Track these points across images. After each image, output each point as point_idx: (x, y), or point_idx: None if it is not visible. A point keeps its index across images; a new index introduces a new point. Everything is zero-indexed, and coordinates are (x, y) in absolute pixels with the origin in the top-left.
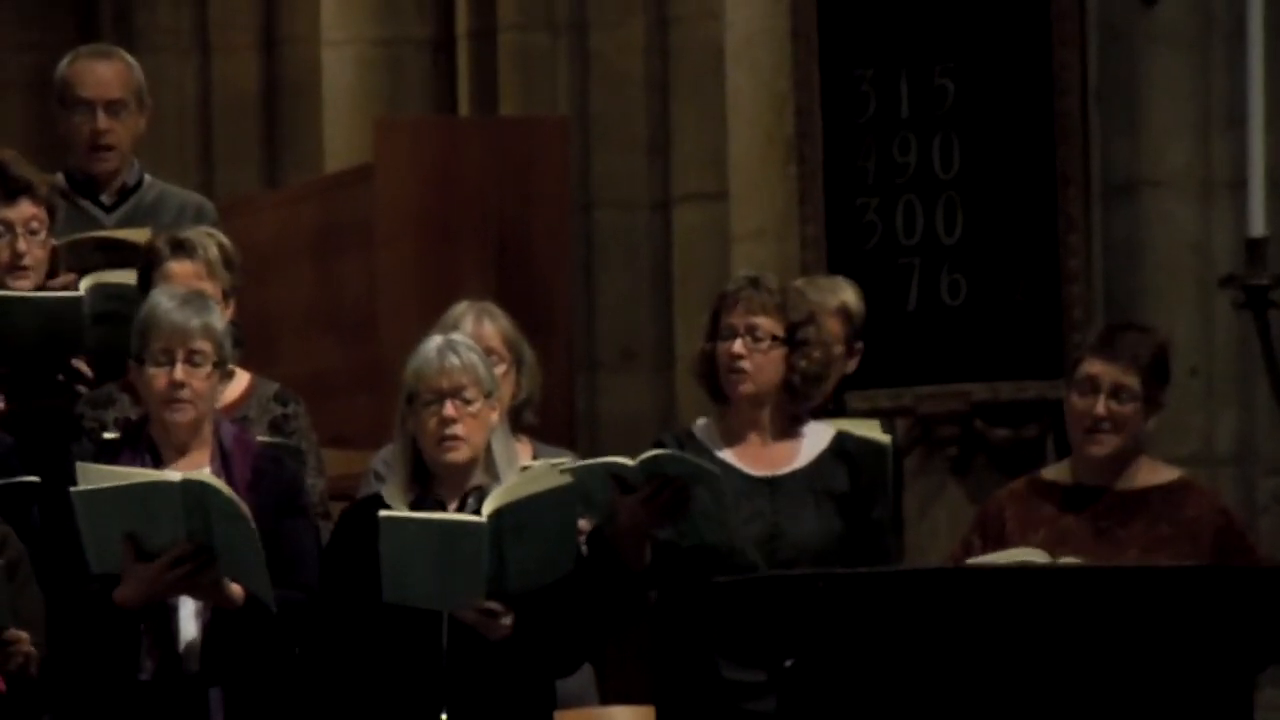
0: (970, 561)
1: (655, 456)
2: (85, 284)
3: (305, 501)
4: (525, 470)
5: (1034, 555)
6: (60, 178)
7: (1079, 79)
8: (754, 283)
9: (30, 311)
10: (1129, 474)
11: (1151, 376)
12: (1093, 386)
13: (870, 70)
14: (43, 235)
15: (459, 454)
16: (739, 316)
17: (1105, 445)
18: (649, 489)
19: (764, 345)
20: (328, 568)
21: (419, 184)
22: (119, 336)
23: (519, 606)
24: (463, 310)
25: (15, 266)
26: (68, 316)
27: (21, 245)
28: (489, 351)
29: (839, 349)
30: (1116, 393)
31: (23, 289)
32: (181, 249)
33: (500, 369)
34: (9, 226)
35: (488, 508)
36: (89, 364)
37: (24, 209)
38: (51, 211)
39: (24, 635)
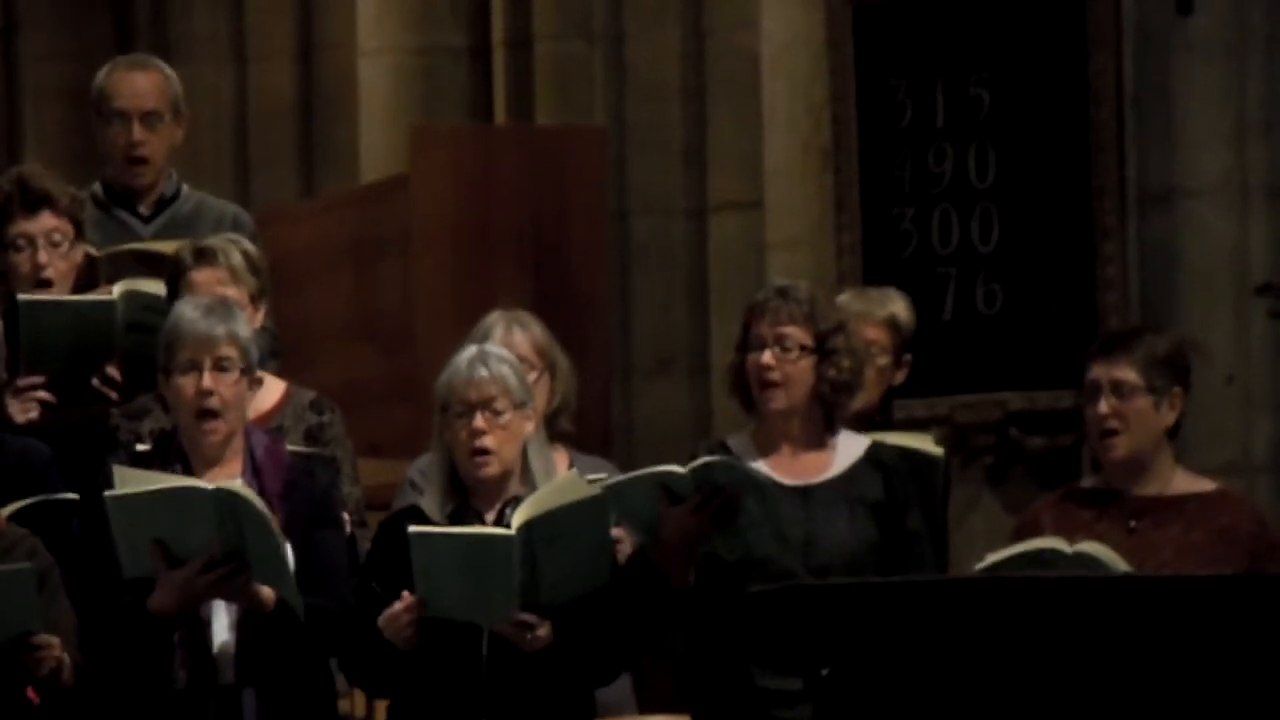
0: (990, 556)
1: (706, 464)
2: (118, 290)
3: (337, 513)
4: (555, 481)
5: (1054, 543)
6: (98, 188)
7: (1114, 88)
8: (782, 293)
9: (63, 315)
10: (1161, 479)
11: (1155, 369)
12: (1094, 390)
13: (906, 80)
14: (65, 247)
15: (490, 469)
16: (768, 327)
17: (1119, 447)
18: (698, 498)
19: (793, 355)
20: (367, 579)
21: (455, 193)
22: (150, 345)
23: (556, 617)
24: (494, 320)
25: (37, 279)
26: (100, 320)
27: (42, 257)
28: (520, 360)
29: (886, 360)
30: (1115, 389)
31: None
32: (204, 257)
33: (532, 377)
34: (30, 239)
35: (517, 520)
36: (120, 371)
37: (44, 221)
38: (76, 223)
39: (54, 640)
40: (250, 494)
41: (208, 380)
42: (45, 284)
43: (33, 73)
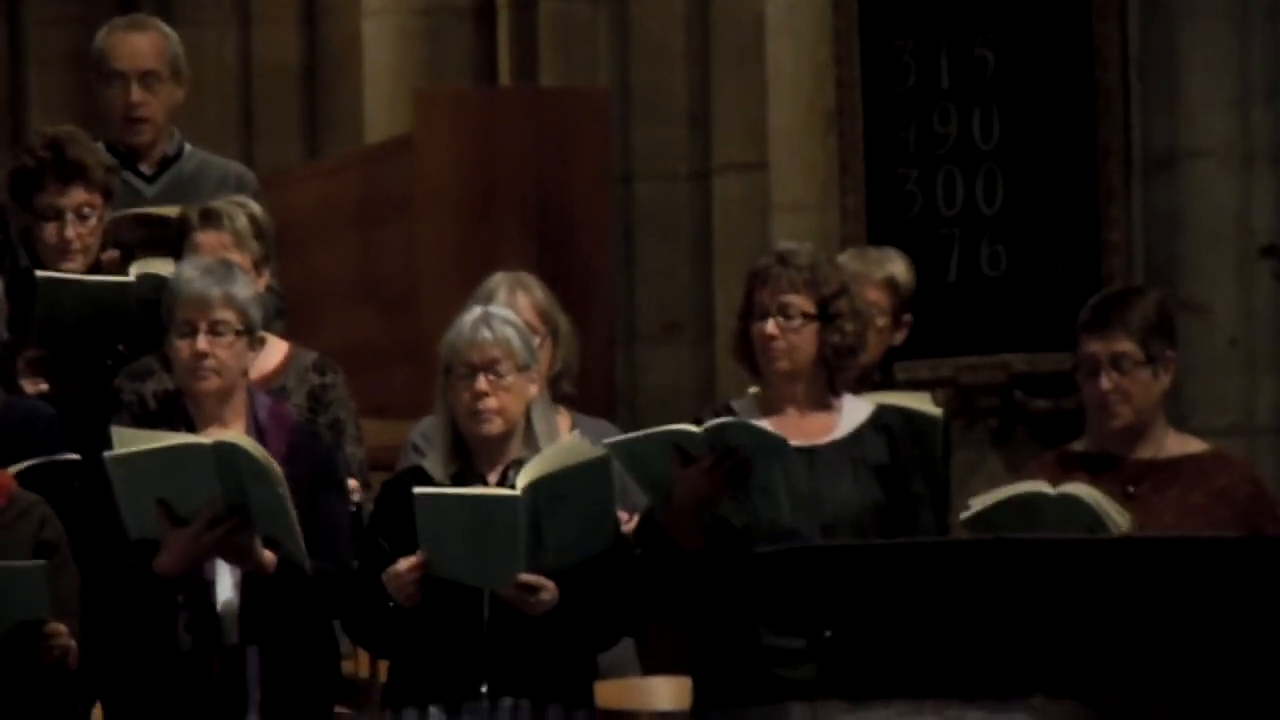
0: (974, 502)
1: (721, 425)
2: (134, 270)
3: (340, 476)
4: (560, 443)
5: (1038, 486)
6: (100, 149)
7: (1119, 51)
8: (783, 259)
9: (78, 295)
10: (1156, 442)
11: (1150, 337)
12: (1093, 365)
13: (910, 41)
14: (94, 220)
15: (492, 426)
16: (770, 295)
17: (1122, 416)
18: (712, 458)
19: (796, 323)
20: (370, 540)
21: (459, 155)
22: (163, 325)
23: (560, 580)
24: (497, 282)
25: (63, 250)
26: (115, 301)
27: (70, 231)
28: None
29: (884, 321)
30: (1116, 363)
31: (71, 270)
32: (209, 220)
33: (535, 341)
34: (59, 212)
35: (522, 481)
36: (134, 350)
37: (76, 195)
38: (107, 193)
39: (63, 629)
40: (251, 443)
41: (202, 343)
42: (70, 255)
43: (37, 36)
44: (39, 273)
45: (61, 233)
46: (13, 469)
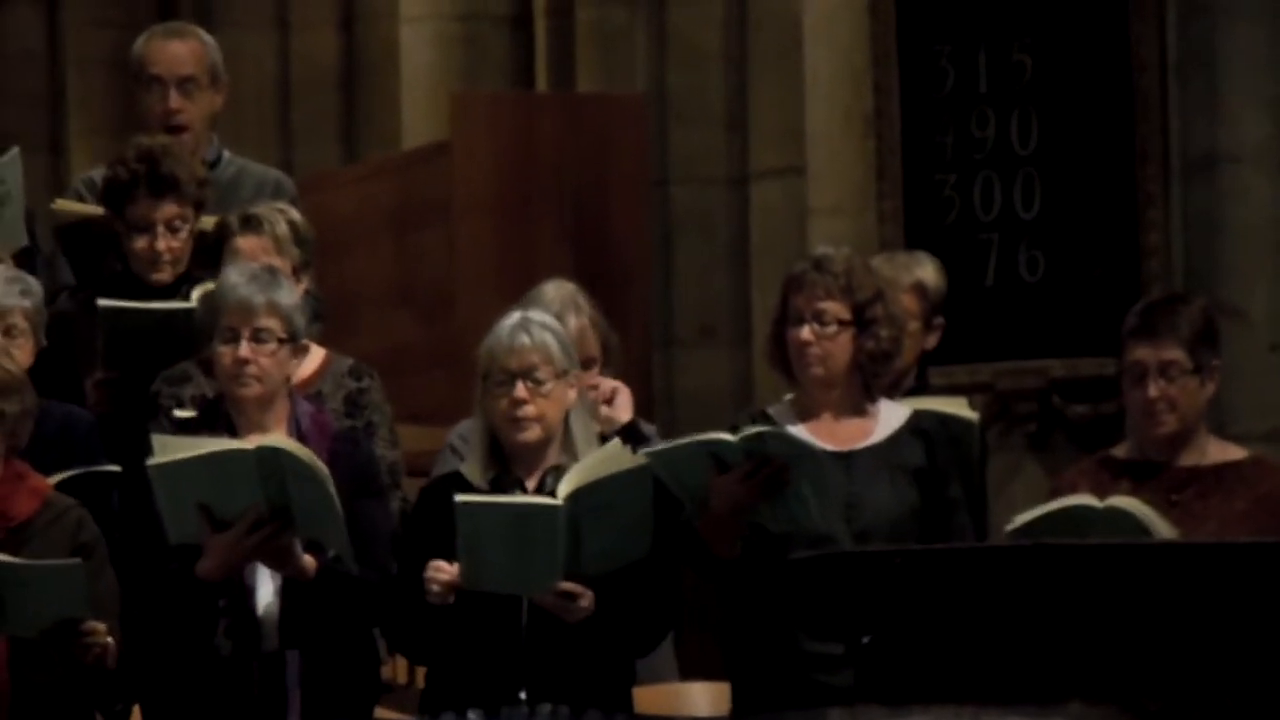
0: (1021, 516)
1: (758, 434)
2: (196, 293)
3: (381, 483)
4: (601, 450)
5: (1085, 500)
6: None
7: (1158, 54)
8: (819, 265)
9: (144, 320)
10: (1197, 448)
11: (1199, 345)
12: (1140, 372)
13: (948, 45)
14: (185, 232)
15: (529, 434)
16: (805, 301)
17: (1168, 424)
18: (748, 467)
19: (831, 329)
20: (407, 545)
21: (496, 160)
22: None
23: (597, 587)
24: (550, 298)
25: (153, 262)
26: (179, 326)
27: (160, 244)
28: (587, 362)
29: (916, 325)
30: (1165, 371)
31: (160, 282)
32: (250, 225)
33: (593, 371)
34: (150, 225)
35: (564, 489)
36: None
37: (168, 209)
38: (199, 206)
39: (101, 627)
40: (295, 446)
41: (245, 350)
42: (159, 268)
43: (76, 40)
44: (100, 301)
45: (153, 245)
46: (52, 479)
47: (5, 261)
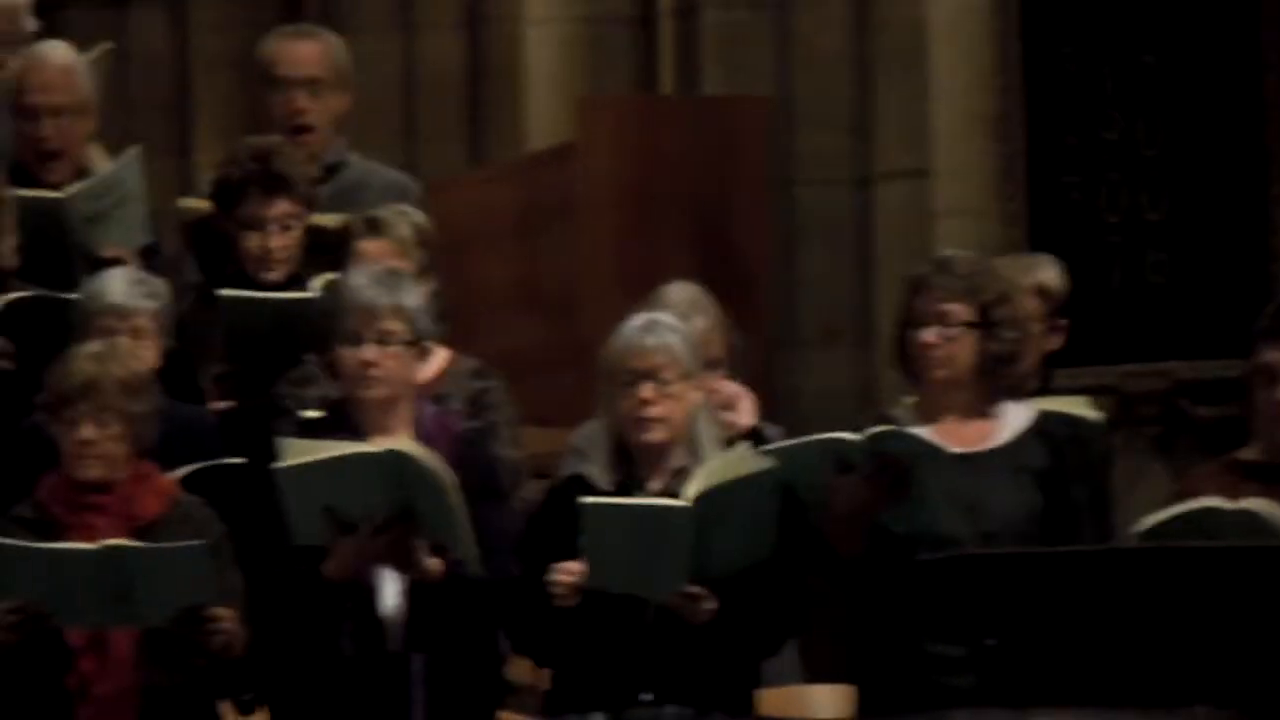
0: (1148, 519)
1: (880, 433)
2: (317, 283)
3: (503, 485)
4: (727, 452)
5: (1214, 503)
6: None
7: None
8: (942, 266)
9: (265, 312)
10: None
11: None
12: (1271, 374)
13: (1074, 47)
14: (296, 230)
15: (654, 434)
16: (929, 304)
17: None
18: (871, 468)
19: (955, 332)
20: (531, 546)
21: (621, 162)
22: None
23: (722, 588)
24: (675, 299)
25: (265, 261)
26: (301, 316)
27: (273, 242)
28: (712, 363)
29: (1038, 327)
30: None
31: (271, 280)
32: (374, 228)
33: (718, 375)
34: (262, 223)
35: (691, 491)
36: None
37: (280, 207)
38: (309, 205)
39: (227, 613)
40: (420, 450)
41: (370, 352)
42: (271, 266)
43: (203, 41)
44: (222, 291)
45: (265, 243)
46: (177, 473)
47: (130, 261)
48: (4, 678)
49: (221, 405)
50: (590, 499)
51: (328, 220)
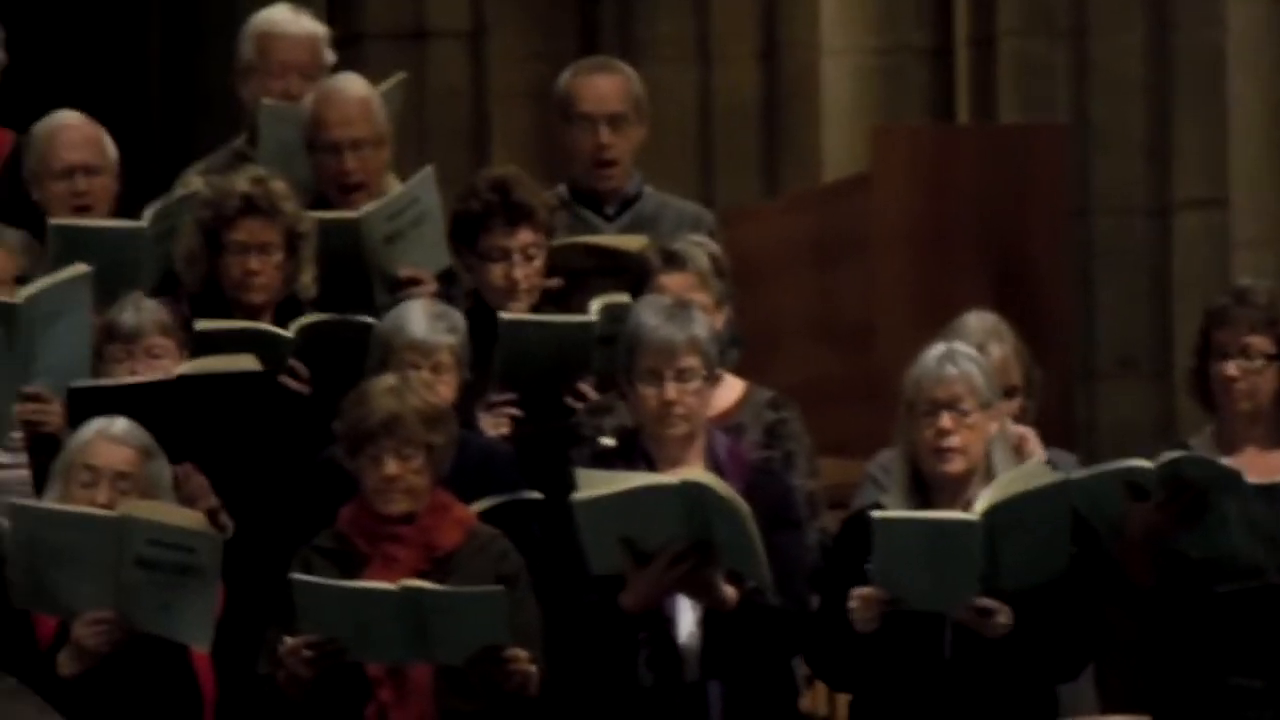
0: None
1: (1175, 460)
2: (595, 306)
3: (798, 514)
4: (1020, 467)
5: None
6: (563, 189)
7: None
8: (1241, 298)
9: (542, 335)
10: None
11: None
12: None
13: None
14: (539, 260)
15: (954, 465)
16: (1230, 336)
17: None
18: (1165, 494)
19: (1257, 364)
20: (830, 575)
21: (916, 192)
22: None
23: (1019, 607)
24: (972, 329)
25: (510, 291)
26: (578, 340)
27: (517, 273)
28: (1009, 391)
29: None
30: None
31: (516, 311)
32: (674, 261)
33: (1015, 400)
34: (506, 253)
35: (981, 504)
36: (595, 386)
37: (523, 236)
38: (550, 234)
39: (523, 654)
40: (718, 482)
41: (670, 391)
42: (517, 295)
43: (500, 74)
44: (502, 314)
45: (509, 274)
46: (476, 506)
47: (428, 282)
48: (304, 707)
49: (493, 431)
50: (879, 513)
51: (630, 243)
